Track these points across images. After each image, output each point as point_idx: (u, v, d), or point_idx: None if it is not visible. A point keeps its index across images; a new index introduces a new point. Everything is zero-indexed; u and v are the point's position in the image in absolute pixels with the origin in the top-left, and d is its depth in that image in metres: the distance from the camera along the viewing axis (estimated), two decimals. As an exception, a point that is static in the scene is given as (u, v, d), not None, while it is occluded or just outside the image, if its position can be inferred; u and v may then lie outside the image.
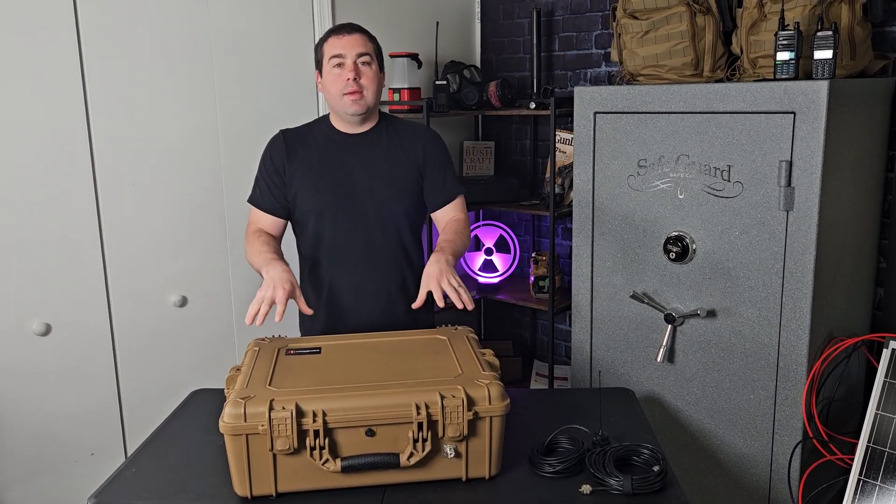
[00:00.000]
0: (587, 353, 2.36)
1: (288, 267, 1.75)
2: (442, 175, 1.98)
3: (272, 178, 1.94)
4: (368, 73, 1.88)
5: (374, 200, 1.92)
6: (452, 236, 1.90)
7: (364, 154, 1.94)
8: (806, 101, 1.82)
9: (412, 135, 1.99)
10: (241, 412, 1.31)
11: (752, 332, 2.01)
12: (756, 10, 2.06)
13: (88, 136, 2.13)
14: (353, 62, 1.86)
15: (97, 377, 2.23)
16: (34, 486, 2.15)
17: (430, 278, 1.70)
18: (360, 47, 1.87)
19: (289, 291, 1.67)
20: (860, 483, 1.78)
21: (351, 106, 1.88)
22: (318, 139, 1.96)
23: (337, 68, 1.87)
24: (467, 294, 1.67)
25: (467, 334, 1.67)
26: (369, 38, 1.91)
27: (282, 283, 1.67)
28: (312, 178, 1.92)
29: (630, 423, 1.65)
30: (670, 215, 2.11)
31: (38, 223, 2.07)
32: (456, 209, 2.00)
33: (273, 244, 1.88)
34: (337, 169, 1.93)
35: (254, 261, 1.84)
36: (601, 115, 2.20)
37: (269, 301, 1.64)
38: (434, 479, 1.39)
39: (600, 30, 2.87)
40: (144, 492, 1.40)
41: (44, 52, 2.03)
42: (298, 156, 1.93)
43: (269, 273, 1.71)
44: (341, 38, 1.87)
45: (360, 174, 1.93)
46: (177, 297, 2.36)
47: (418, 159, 1.97)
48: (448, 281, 1.68)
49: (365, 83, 1.87)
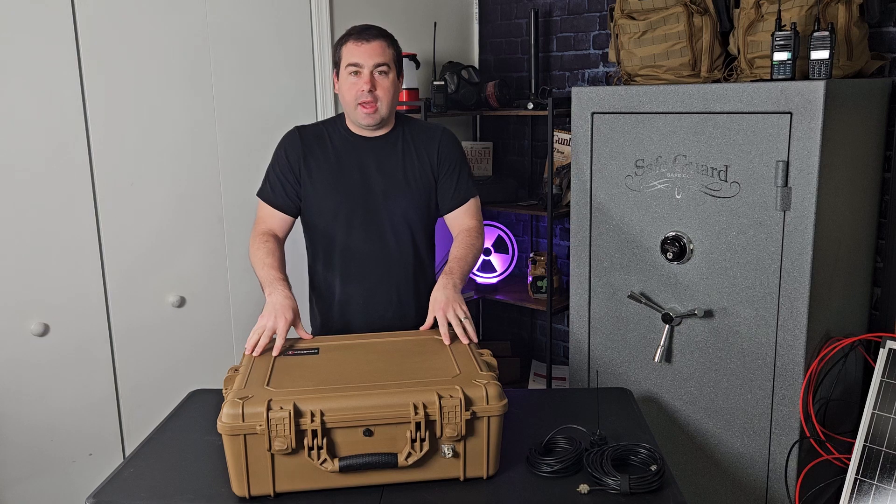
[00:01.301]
0: (585, 353, 2.37)
1: (290, 292, 1.74)
2: (455, 177, 1.97)
3: (286, 175, 1.93)
4: (385, 84, 1.85)
5: (388, 205, 1.92)
6: (464, 252, 1.88)
7: (380, 158, 1.94)
8: (802, 102, 1.83)
9: (427, 137, 1.98)
10: (239, 412, 1.32)
11: (750, 331, 2.01)
12: (753, 11, 2.06)
13: (87, 136, 2.13)
14: (369, 72, 1.83)
15: (95, 377, 2.23)
16: (33, 486, 2.15)
17: (437, 306, 1.70)
18: (379, 56, 1.84)
19: (290, 321, 1.67)
20: (857, 482, 1.78)
21: (364, 118, 1.87)
22: (334, 140, 1.95)
23: (353, 76, 1.85)
24: (472, 327, 1.67)
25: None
26: (389, 44, 1.88)
27: (283, 313, 1.66)
28: (328, 180, 1.91)
29: (627, 423, 1.66)
30: (668, 215, 2.11)
31: (36, 224, 2.07)
32: (468, 215, 1.98)
33: (278, 253, 1.87)
34: (353, 172, 1.92)
35: (258, 270, 1.83)
36: (598, 116, 2.20)
37: (270, 331, 1.63)
38: (432, 479, 1.39)
39: (598, 30, 2.88)
40: (143, 492, 1.40)
41: (42, 52, 2.03)
42: (315, 155, 1.93)
43: (271, 299, 1.70)
44: (360, 46, 1.84)
45: (376, 178, 1.92)
46: (175, 298, 2.36)
47: (433, 162, 1.96)
48: (454, 311, 1.67)
49: (380, 94, 1.85)
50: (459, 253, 1.88)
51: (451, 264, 1.84)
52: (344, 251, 1.94)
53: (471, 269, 1.88)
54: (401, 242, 1.95)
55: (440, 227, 2.08)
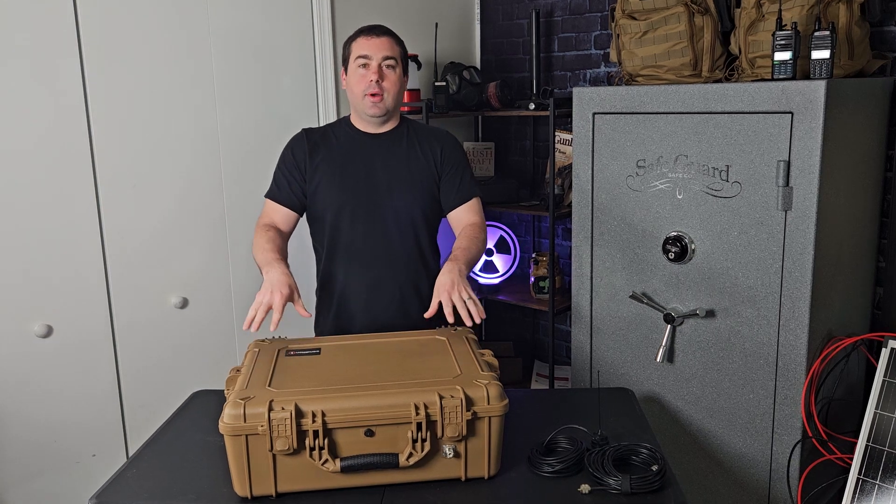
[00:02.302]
0: (587, 353, 2.37)
1: (287, 269, 1.75)
2: (459, 177, 2.00)
3: (292, 173, 1.96)
4: (392, 77, 1.91)
5: (392, 201, 1.95)
6: (468, 243, 1.90)
7: (385, 155, 1.97)
8: (803, 101, 1.83)
9: (431, 137, 2.02)
10: (240, 413, 1.32)
11: (751, 331, 2.01)
12: (754, 11, 2.06)
13: (89, 137, 2.14)
14: (377, 64, 1.89)
15: (98, 378, 2.24)
16: (36, 486, 2.16)
17: (442, 288, 1.70)
18: (387, 50, 1.91)
19: (287, 296, 1.67)
20: (859, 482, 1.78)
21: (371, 108, 1.91)
22: (340, 138, 1.99)
23: (362, 69, 1.90)
24: (476, 307, 1.67)
25: (466, 335, 1.68)
26: (396, 42, 1.94)
27: (280, 288, 1.67)
28: (334, 176, 1.94)
29: (629, 423, 1.66)
30: (669, 215, 2.11)
31: (39, 225, 2.08)
32: (471, 212, 2.01)
33: (278, 241, 1.88)
34: (358, 168, 1.95)
35: (257, 256, 1.85)
36: (600, 116, 2.21)
37: (266, 306, 1.64)
38: (433, 479, 1.40)
39: (599, 30, 2.88)
40: (145, 492, 1.40)
41: (44, 53, 2.03)
42: (321, 153, 1.96)
43: (269, 275, 1.72)
44: (370, 40, 1.91)
45: (381, 174, 1.95)
46: (177, 299, 2.36)
47: (437, 161, 1.99)
48: (459, 293, 1.68)
49: (387, 86, 1.91)
50: (463, 244, 1.89)
51: (456, 252, 1.85)
52: (348, 245, 1.96)
53: (475, 261, 1.88)
54: (404, 238, 1.97)
55: (443, 229, 2.09)
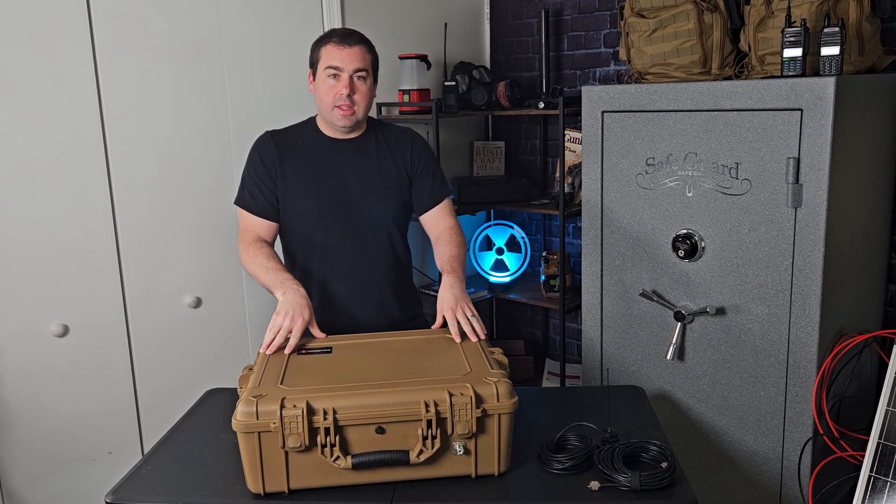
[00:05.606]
0: (597, 351, 2.37)
1: (303, 289, 1.74)
2: (430, 178, 2.01)
3: (263, 180, 1.93)
4: (362, 89, 1.88)
5: (366, 206, 1.94)
6: (457, 250, 1.91)
7: (356, 160, 1.96)
8: (813, 98, 1.82)
9: (400, 140, 2.01)
10: (253, 410, 1.34)
11: (762, 329, 2.01)
12: (763, 7, 2.06)
13: (103, 138, 2.17)
14: (349, 76, 1.86)
15: (114, 377, 2.27)
16: (53, 483, 2.19)
17: (446, 306, 1.71)
18: (359, 62, 1.86)
19: (307, 321, 1.68)
20: (871, 480, 1.77)
21: (341, 120, 1.89)
22: (308, 144, 1.96)
23: (332, 79, 1.87)
24: (479, 325, 1.69)
25: (476, 333, 1.69)
26: (368, 50, 1.90)
27: (301, 312, 1.67)
28: (306, 183, 1.92)
29: (639, 421, 1.66)
30: (679, 213, 2.11)
31: (54, 226, 2.11)
32: (446, 214, 2.01)
33: (278, 258, 1.88)
34: (330, 174, 1.93)
35: (260, 276, 1.83)
36: (609, 114, 2.21)
37: (286, 331, 1.64)
38: (443, 476, 1.41)
39: (608, 29, 2.88)
40: (160, 489, 1.42)
41: (58, 56, 2.06)
42: (290, 160, 1.94)
43: (288, 297, 1.70)
44: (342, 50, 1.86)
45: (353, 183, 1.94)
46: (191, 299, 2.39)
47: (407, 165, 1.99)
48: (463, 310, 1.69)
49: (358, 99, 1.88)
50: (454, 252, 1.90)
51: (452, 263, 1.85)
52: (325, 253, 1.94)
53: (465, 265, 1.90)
54: (380, 243, 1.97)
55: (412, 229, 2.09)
